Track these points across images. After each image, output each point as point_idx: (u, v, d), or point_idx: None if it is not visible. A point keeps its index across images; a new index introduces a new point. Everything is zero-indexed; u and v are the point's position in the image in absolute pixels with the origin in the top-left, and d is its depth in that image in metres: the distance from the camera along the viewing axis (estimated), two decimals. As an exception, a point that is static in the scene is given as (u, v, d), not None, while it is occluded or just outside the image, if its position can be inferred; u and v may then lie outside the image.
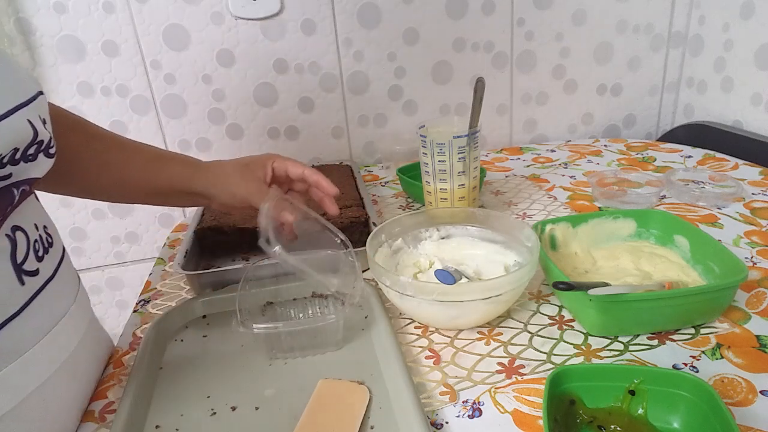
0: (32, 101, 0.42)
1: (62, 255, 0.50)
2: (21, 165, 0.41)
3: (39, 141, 0.42)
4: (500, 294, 0.53)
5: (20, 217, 0.44)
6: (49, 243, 0.47)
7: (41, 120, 0.43)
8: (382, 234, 0.64)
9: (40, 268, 0.45)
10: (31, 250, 0.44)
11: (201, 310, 0.64)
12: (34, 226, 0.45)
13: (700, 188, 0.87)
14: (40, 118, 0.43)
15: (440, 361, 0.54)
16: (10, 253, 0.41)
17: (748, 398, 0.46)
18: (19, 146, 0.40)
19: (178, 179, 0.63)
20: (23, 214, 0.44)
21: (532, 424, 0.45)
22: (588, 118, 1.22)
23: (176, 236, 0.89)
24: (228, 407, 0.49)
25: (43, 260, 0.46)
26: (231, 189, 0.62)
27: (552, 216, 0.82)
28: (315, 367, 0.54)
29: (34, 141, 0.41)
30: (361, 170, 1.10)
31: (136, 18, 0.97)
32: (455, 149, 0.73)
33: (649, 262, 0.62)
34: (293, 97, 1.08)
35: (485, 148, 1.20)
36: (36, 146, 0.42)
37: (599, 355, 0.52)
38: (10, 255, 0.41)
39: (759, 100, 1.00)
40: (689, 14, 1.14)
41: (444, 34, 1.08)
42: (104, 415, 0.50)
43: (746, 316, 0.56)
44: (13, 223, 0.42)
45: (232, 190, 0.62)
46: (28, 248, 0.44)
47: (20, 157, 0.40)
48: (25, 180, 0.43)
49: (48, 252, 0.47)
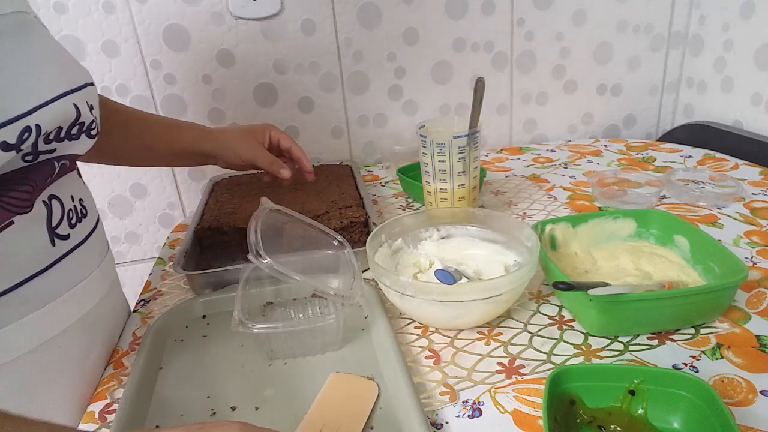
0: (81, 89, 0.49)
1: (95, 226, 0.57)
2: (65, 143, 0.48)
3: (81, 122, 0.49)
4: (500, 294, 0.53)
5: (58, 188, 0.50)
6: (83, 213, 0.54)
7: (88, 105, 0.50)
8: (382, 234, 0.64)
9: (71, 233, 0.51)
10: (65, 218, 0.51)
11: (201, 310, 0.64)
12: (70, 197, 0.52)
13: (700, 188, 0.87)
14: (88, 104, 0.50)
15: (440, 361, 0.54)
16: (46, 218, 0.48)
17: (748, 398, 0.46)
18: (62, 125, 0.46)
19: (191, 143, 0.76)
20: (62, 185, 0.51)
21: (532, 424, 0.45)
22: (588, 118, 1.22)
23: (176, 236, 0.89)
24: (228, 407, 0.49)
25: (75, 227, 0.52)
26: (237, 151, 0.77)
27: (552, 216, 0.82)
28: (315, 367, 0.54)
29: (76, 122, 0.48)
30: (361, 170, 1.10)
31: (136, 18, 0.97)
32: (455, 149, 0.73)
33: (649, 262, 0.62)
34: (293, 97, 1.08)
35: (485, 148, 1.20)
36: (78, 126, 0.48)
37: (599, 355, 0.52)
38: (47, 219, 0.48)
39: (759, 100, 1.00)
40: (689, 14, 1.14)
41: (444, 34, 1.08)
42: (104, 415, 0.50)
43: (746, 316, 0.56)
44: (50, 192, 0.49)
45: (237, 152, 0.76)
46: (62, 215, 0.50)
47: (64, 135, 0.47)
48: (66, 156, 0.49)
49: (81, 221, 0.54)
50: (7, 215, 0.44)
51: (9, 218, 0.44)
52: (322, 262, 0.63)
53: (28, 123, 0.41)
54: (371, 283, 0.65)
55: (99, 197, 1.09)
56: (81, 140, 0.50)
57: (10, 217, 0.44)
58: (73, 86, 0.48)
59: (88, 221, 0.55)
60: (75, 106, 0.47)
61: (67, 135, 0.47)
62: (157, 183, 1.10)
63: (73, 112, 0.47)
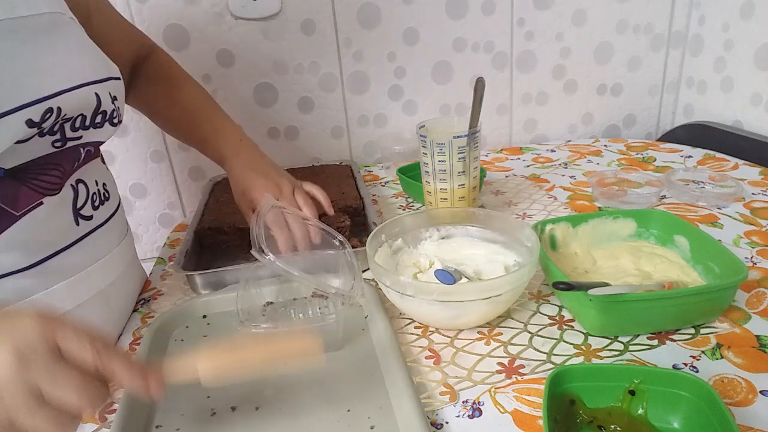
0: (105, 81, 0.54)
1: (116, 209, 0.63)
2: (90, 130, 0.53)
3: (102, 111, 0.54)
4: (500, 294, 0.53)
5: (84, 173, 0.56)
6: (105, 197, 0.60)
7: (111, 96, 0.55)
8: (382, 234, 0.64)
9: (94, 215, 0.57)
10: (89, 200, 0.56)
11: (201, 310, 0.64)
12: (94, 181, 0.58)
13: (700, 188, 0.87)
14: (111, 95, 0.55)
15: (440, 361, 0.54)
16: (72, 200, 0.54)
17: (748, 398, 0.46)
18: (85, 113, 0.52)
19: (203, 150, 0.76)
20: (88, 171, 0.57)
21: (532, 424, 0.45)
22: (588, 118, 1.22)
23: (176, 236, 0.89)
24: (228, 407, 0.49)
25: (98, 209, 0.58)
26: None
27: (552, 216, 0.82)
28: (315, 367, 0.54)
29: (98, 111, 0.53)
30: (361, 170, 1.10)
31: (136, 18, 0.97)
32: (455, 149, 0.73)
33: (649, 262, 0.62)
34: (293, 97, 1.08)
35: (485, 148, 1.20)
36: (101, 115, 0.54)
37: (599, 355, 0.52)
38: (72, 201, 0.54)
39: (759, 100, 1.00)
40: (689, 14, 1.14)
41: (444, 34, 1.08)
42: (104, 416, 0.50)
43: (746, 316, 0.56)
44: (78, 177, 0.55)
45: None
46: (87, 198, 0.56)
47: (89, 123, 0.53)
48: (91, 143, 0.55)
49: (104, 204, 0.59)
50: (38, 196, 0.49)
51: (39, 199, 0.50)
52: (323, 262, 0.63)
53: (50, 105, 0.47)
54: (371, 283, 0.65)
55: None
56: (105, 128, 0.55)
57: (40, 198, 0.50)
58: (98, 78, 0.53)
59: (110, 204, 0.61)
60: (96, 95, 0.52)
61: (92, 123, 0.53)
62: (157, 183, 1.10)
63: (94, 101, 0.52)
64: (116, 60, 0.60)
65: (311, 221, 0.66)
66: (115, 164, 1.07)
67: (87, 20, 0.61)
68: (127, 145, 1.06)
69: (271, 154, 1.16)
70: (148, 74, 0.76)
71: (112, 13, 0.71)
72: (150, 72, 0.76)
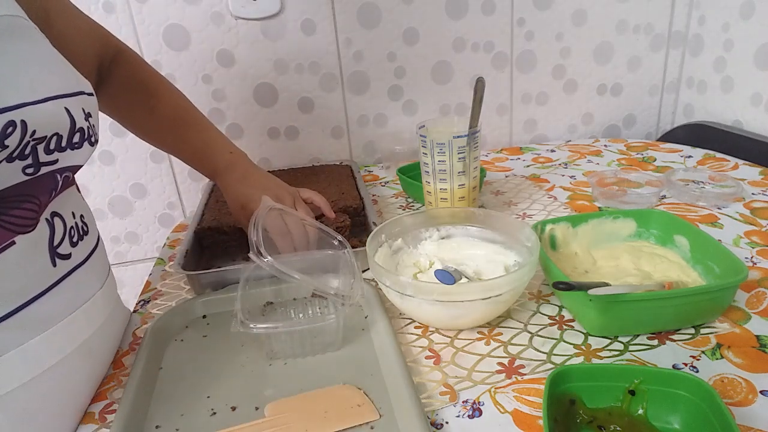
0: (74, 95, 0.47)
1: (96, 244, 0.54)
2: (67, 152, 0.45)
3: (79, 129, 0.46)
4: (500, 294, 0.53)
5: (60, 205, 0.48)
6: (84, 231, 0.52)
7: (84, 113, 0.47)
8: (382, 234, 0.64)
9: (72, 252, 0.49)
10: (66, 236, 0.48)
11: (201, 310, 0.64)
12: (71, 213, 0.50)
13: (700, 188, 0.87)
14: (84, 111, 0.47)
15: (440, 361, 0.54)
16: (49, 237, 0.46)
17: (748, 398, 0.46)
18: (61, 132, 0.44)
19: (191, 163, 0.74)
20: (63, 201, 0.48)
21: (532, 424, 0.45)
22: (588, 118, 1.22)
23: (176, 236, 0.89)
24: (228, 407, 0.49)
25: (77, 246, 0.50)
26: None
27: (552, 216, 0.82)
28: (315, 367, 0.54)
29: (74, 129, 0.46)
30: (361, 170, 1.10)
31: (136, 18, 0.97)
32: (455, 149, 0.73)
33: (649, 262, 0.62)
34: (293, 97, 1.08)
35: (485, 148, 1.20)
36: (79, 134, 0.46)
37: (599, 355, 0.52)
38: (49, 238, 0.46)
39: (759, 100, 1.00)
40: (689, 14, 1.14)
41: (444, 34, 1.08)
42: (104, 416, 0.50)
43: (746, 316, 0.56)
44: (53, 209, 0.47)
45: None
46: (64, 233, 0.48)
47: (66, 144, 0.45)
48: (68, 167, 0.47)
49: (83, 239, 0.51)
50: (9, 235, 0.42)
51: (11, 238, 0.42)
52: (322, 262, 0.63)
53: (12, 117, 0.39)
54: (371, 283, 0.65)
55: (99, 197, 1.09)
56: (84, 149, 0.48)
57: (12, 237, 0.42)
58: (66, 92, 0.46)
59: (90, 239, 0.53)
60: (67, 110, 0.45)
61: (69, 144, 0.45)
62: (157, 183, 1.10)
63: (66, 118, 0.45)
64: (80, 60, 0.54)
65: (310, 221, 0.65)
66: (115, 164, 1.07)
67: (46, 20, 0.54)
68: (127, 145, 1.06)
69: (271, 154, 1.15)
70: (121, 80, 0.70)
71: (72, 10, 0.64)
72: (122, 77, 0.70)
